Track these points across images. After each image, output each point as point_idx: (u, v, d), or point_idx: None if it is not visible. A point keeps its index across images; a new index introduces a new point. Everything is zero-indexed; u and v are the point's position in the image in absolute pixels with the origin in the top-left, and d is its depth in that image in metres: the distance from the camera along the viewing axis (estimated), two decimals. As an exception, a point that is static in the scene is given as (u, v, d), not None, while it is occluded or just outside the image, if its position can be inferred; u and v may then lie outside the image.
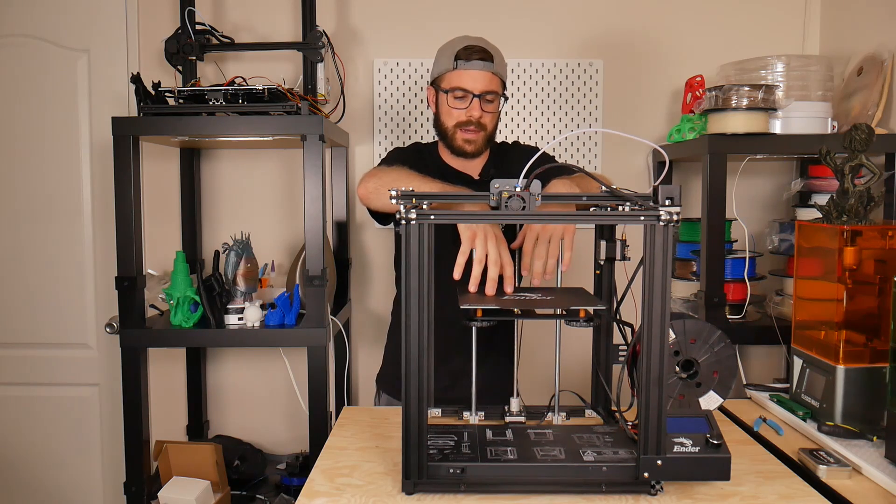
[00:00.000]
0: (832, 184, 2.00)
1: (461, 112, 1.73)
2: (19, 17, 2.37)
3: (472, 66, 1.70)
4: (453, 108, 1.74)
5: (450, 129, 1.76)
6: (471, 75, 1.70)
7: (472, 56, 1.70)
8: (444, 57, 1.75)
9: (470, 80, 1.71)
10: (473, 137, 1.75)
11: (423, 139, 2.38)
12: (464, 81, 1.71)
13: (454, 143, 1.77)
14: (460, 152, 1.77)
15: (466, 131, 1.74)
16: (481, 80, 1.71)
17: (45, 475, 2.49)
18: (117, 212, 1.87)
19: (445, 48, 1.76)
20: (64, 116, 2.39)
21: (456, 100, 1.72)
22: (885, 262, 1.43)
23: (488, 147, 1.81)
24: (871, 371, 1.41)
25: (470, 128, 1.73)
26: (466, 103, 1.72)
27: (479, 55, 1.70)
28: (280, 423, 2.48)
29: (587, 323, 1.27)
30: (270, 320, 1.93)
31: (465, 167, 1.83)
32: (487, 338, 1.45)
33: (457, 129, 1.75)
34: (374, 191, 1.63)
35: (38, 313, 2.44)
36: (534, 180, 1.17)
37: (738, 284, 2.05)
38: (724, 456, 1.14)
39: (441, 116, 1.78)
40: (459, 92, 1.71)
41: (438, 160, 1.85)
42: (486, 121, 1.75)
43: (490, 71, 1.71)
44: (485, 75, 1.71)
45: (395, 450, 1.32)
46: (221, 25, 2.31)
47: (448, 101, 1.74)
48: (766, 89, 1.91)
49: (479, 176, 1.82)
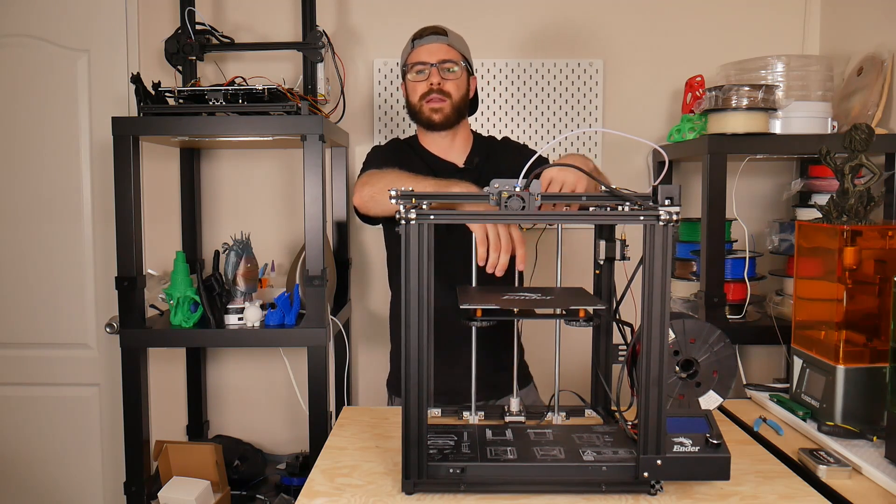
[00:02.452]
0: (832, 184, 2.00)
1: (422, 84, 1.78)
2: (19, 17, 2.37)
3: (427, 41, 1.79)
4: (416, 83, 1.79)
5: (416, 104, 1.80)
6: (426, 49, 1.78)
7: (425, 33, 1.80)
8: (406, 47, 1.84)
9: (426, 53, 1.78)
10: (439, 105, 1.78)
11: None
12: (421, 56, 1.78)
13: (423, 116, 1.80)
14: (429, 123, 1.80)
15: (431, 100, 1.78)
16: (437, 51, 1.78)
17: (45, 475, 2.49)
18: (117, 212, 1.87)
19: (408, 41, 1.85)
20: (64, 116, 2.39)
21: (417, 74, 1.79)
22: (885, 262, 1.42)
23: (458, 120, 1.82)
24: (871, 371, 1.41)
25: (433, 96, 1.77)
26: (426, 76, 1.78)
27: (431, 31, 1.80)
28: (280, 423, 2.48)
29: (587, 323, 1.27)
30: (270, 320, 1.93)
31: (447, 153, 1.84)
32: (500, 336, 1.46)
33: (422, 101, 1.79)
34: (371, 198, 1.65)
35: (38, 313, 2.44)
36: (533, 180, 1.17)
37: (738, 284, 2.05)
38: (724, 456, 1.14)
39: (409, 97, 1.83)
40: (419, 66, 1.78)
41: (420, 149, 1.87)
42: (450, 88, 1.78)
43: (445, 43, 1.79)
44: (440, 46, 1.79)
45: (395, 450, 1.32)
46: (221, 25, 2.31)
47: (410, 79, 1.81)
48: (766, 89, 1.91)
49: (463, 164, 1.83)
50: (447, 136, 1.84)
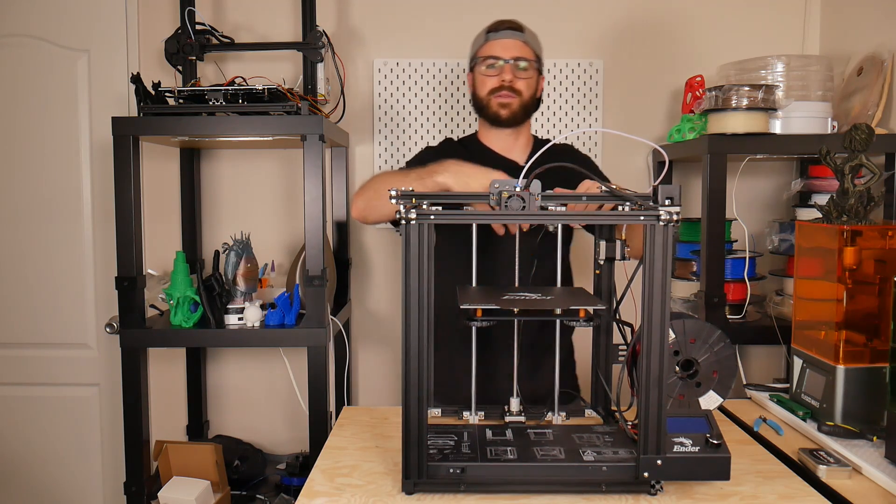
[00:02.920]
0: (832, 184, 2.00)
1: (493, 79, 1.75)
2: (19, 17, 2.37)
3: (503, 36, 1.75)
4: (486, 77, 1.76)
5: (484, 98, 1.77)
6: (501, 44, 1.75)
7: (501, 27, 1.76)
8: (477, 38, 1.81)
9: (500, 48, 1.75)
10: (507, 101, 1.75)
11: (423, 139, 2.38)
12: (495, 50, 1.75)
13: (489, 111, 1.77)
14: (495, 119, 1.77)
15: (500, 96, 1.75)
16: (512, 47, 1.75)
17: (45, 475, 2.49)
18: (117, 212, 1.87)
19: (479, 32, 1.81)
20: (64, 116, 2.39)
21: (488, 68, 1.75)
22: (885, 262, 1.42)
23: (525, 119, 1.81)
24: (871, 371, 1.41)
25: (503, 92, 1.74)
26: (498, 70, 1.75)
27: (508, 25, 1.76)
28: (280, 423, 2.48)
29: (587, 323, 1.27)
30: (270, 320, 1.93)
31: (509, 151, 1.81)
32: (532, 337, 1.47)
33: (490, 96, 1.76)
34: (365, 207, 1.66)
35: (38, 313, 2.44)
36: (534, 180, 1.17)
37: (738, 284, 2.05)
38: (724, 456, 1.14)
39: (476, 90, 1.80)
40: (492, 60, 1.75)
41: (479, 147, 1.84)
42: (521, 87, 1.75)
43: (520, 39, 1.75)
44: (515, 42, 1.75)
45: (395, 450, 1.32)
46: (221, 25, 2.31)
47: (481, 71, 1.77)
48: (766, 89, 1.91)
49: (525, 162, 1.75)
50: (511, 134, 1.82)
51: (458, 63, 2.36)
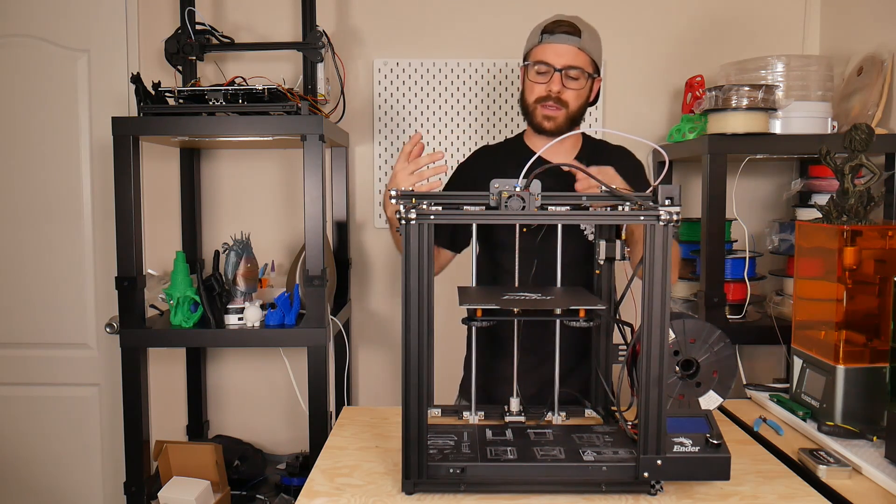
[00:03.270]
0: (832, 184, 2.00)
1: (542, 87, 1.66)
2: (19, 17, 2.36)
3: (556, 40, 1.64)
4: (535, 83, 1.67)
5: (530, 105, 1.69)
6: (554, 49, 1.64)
7: (557, 29, 1.65)
8: (534, 33, 1.70)
9: (553, 54, 1.64)
10: (553, 114, 1.66)
11: (423, 139, 2.38)
12: (546, 55, 1.65)
13: (534, 120, 1.69)
14: (539, 129, 1.69)
15: (546, 107, 1.66)
16: (565, 54, 1.64)
17: (45, 475, 2.49)
18: (117, 212, 1.87)
19: (537, 25, 1.71)
20: (64, 116, 2.39)
21: (538, 74, 1.66)
22: (885, 262, 1.42)
23: (572, 128, 1.71)
24: (871, 371, 1.41)
25: (549, 103, 1.65)
26: (547, 78, 1.65)
27: (564, 29, 1.65)
28: (280, 423, 2.48)
29: (587, 322, 1.27)
30: (270, 320, 1.93)
31: (553, 155, 1.70)
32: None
33: (537, 104, 1.67)
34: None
35: (38, 313, 2.44)
36: (534, 180, 1.17)
37: (738, 284, 2.05)
38: (724, 456, 1.14)
39: (524, 93, 1.71)
40: (542, 66, 1.65)
41: (523, 149, 1.76)
42: (568, 97, 1.66)
43: (575, 45, 1.64)
44: (569, 49, 1.64)
45: (395, 450, 1.32)
46: (221, 25, 2.31)
47: (530, 76, 1.68)
48: (766, 89, 1.91)
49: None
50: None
51: (458, 63, 2.36)
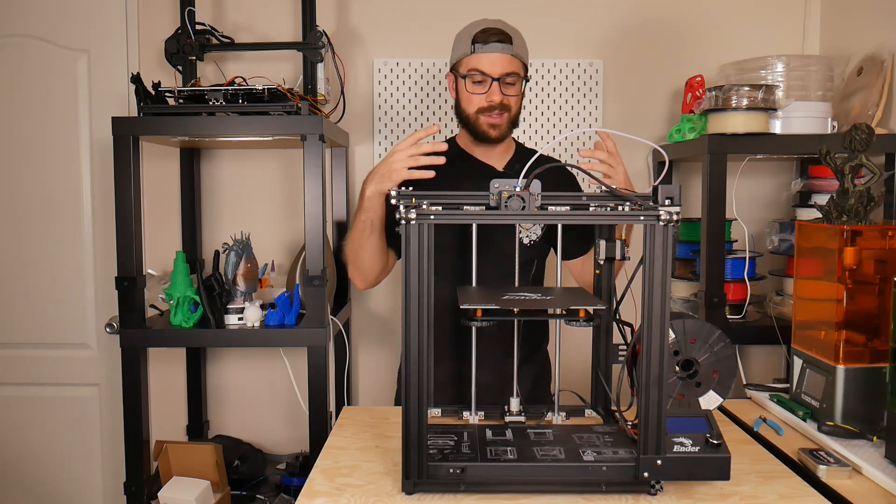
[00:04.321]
0: (832, 184, 2.00)
1: (481, 97, 1.67)
2: (19, 17, 2.36)
3: (490, 49, 1.64)
4: (473, 94, 1.67)
5: (472, 116, 1.69)
6: (489, 58, 1.64)
7: (489, 38, 1.64)
8: (461, 42, 1.69)
9: (488, 64, 1.64)
10: (497, 122, 1.68)
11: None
12: (482, 65, 1.65)
13: (478, 130, 1.70)
14: (484, 138, 1.70)
15: (490, 116, 1.67)
16: (500, 63, 1.64)
17: (45, 475, 2.49)
18: (117, 212, 1.87)
19: (463, 33, 1.71)
20: (64, 116, 2.39)
21: (474, 84, 1.66)
22: (885, 262, 1.42)
23: (512, 131, 1.74)
24: (871, 371, 1.41)
25: (494, 112, 1.67)
26: (485, 87, 1.65)
27: (496, 37, 1.64)
28: (280, 423, 2.48)
29: (587, 323, 1.27)
30: (270, 320, 1.93)
31: (488, 157, 1.76)
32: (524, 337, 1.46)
33: (479, 114, 1.68)
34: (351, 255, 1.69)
35: (38, 313, 2.44)
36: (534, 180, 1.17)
37: (738, 284, 2.05)
38: (724, 456, 1.14)
39: (462, 103, 1.71)
40: (478, 76, 1.65)
41: (459, 151, 1.78)
42: (510, 102, 1.68)
43: (509, 53, 1.65)
44: (503, 58, 1.65)
45: (395, 450, 1.32)
46: (221, 25, 2.31)
47: (467, 87, 1.67)
48: (766, 89, 1.91)
49: (503, 168, 1.76)
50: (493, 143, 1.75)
51: (458, 63, 2.36)
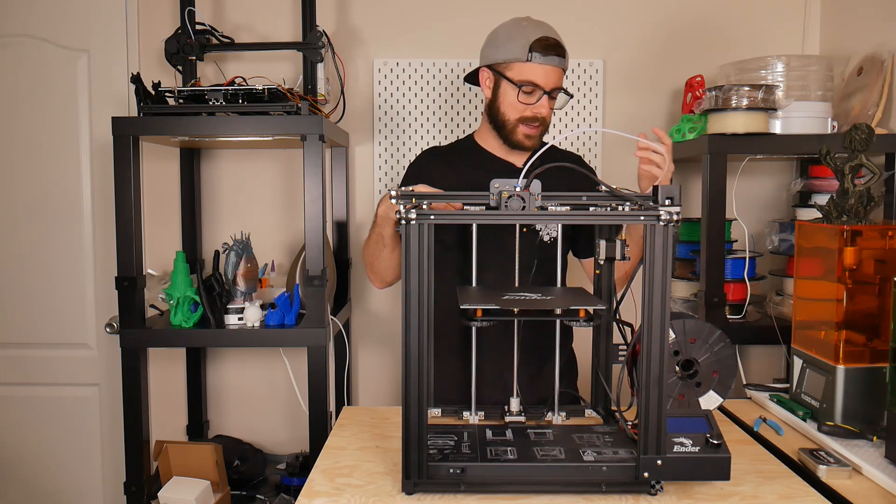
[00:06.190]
0: (832, 184, 2.00)
1: (527, 108, 1.63)
2: (19, 17, 2.36)
3: (548, 62, 1.60)
4: (522, 103, 1.63)
5: (510, 122, 1.65)
6: (545, 71, 1.61)
7: (549, 51, 1.60)
8: (515, 44, 1.62)
9: (543, 76, 1.61)
10: (535, 133, 1.66)
11: (423, 139, 2.38)
12: (537, 76, 1.61)
13: (513, 137, 1.67)
14: (519, 146, 1.67)
15: (530, 126, 1.65)
16: (554, 77, 1.62)
17: (45, 475, 2.48)
18: (117, 212, 1.87)
19: (514, 33, 1.64)
20: (64, 116, 2.39)
21: (526, 94, 1.62)
22: (885, 262, 1.43)
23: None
24: (871, 371, 1.41)
25: (535, 124, 1.65)
26: (534, 98, 1.62)
27: (555, 51, 1.61)
28: (280, 423, 2.48)
29: (587, 323, 1.27)
30: (270, 320, 1.93)
31: (507, 154, 1.73)
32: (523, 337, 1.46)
33: (519, 123, 1.65)
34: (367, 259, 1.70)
35: (38, 313, 2.44)
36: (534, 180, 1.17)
37: (738, 284, 2.05)
38: (724, 456, 1.14)
39: (501, 107, 1.66)
40: (530, 87, 1.61)
41: (476, 150, 1.75)
42: (548, 114, 1.67)
43: (562, 67, 1.64)
44: (558, 71, 1.63)
45: (395, 450, 1.32)
46: (221, 25, 2.31)
47: (519, 97, 1.63)
48: (766, 89, 1.91)
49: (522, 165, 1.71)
50: None
51: (458, 63, 2.36)
